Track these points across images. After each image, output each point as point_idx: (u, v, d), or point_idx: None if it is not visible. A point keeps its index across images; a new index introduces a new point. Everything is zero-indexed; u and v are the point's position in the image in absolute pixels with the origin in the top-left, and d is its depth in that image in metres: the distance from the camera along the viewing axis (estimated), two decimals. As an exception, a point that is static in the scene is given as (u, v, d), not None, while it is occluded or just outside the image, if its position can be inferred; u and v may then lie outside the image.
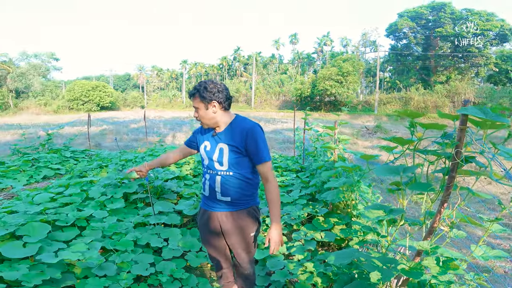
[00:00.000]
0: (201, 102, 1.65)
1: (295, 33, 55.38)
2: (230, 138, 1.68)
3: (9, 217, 2.38)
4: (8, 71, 37.18)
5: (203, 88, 1.65)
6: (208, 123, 1.71)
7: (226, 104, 1.70)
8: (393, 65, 39.18)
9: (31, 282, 1.81)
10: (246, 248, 1.83)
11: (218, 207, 1.78)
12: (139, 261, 2.34)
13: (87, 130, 9.48)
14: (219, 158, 1.70)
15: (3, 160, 5.75)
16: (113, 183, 3.25)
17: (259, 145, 1.65)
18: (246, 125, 1.69)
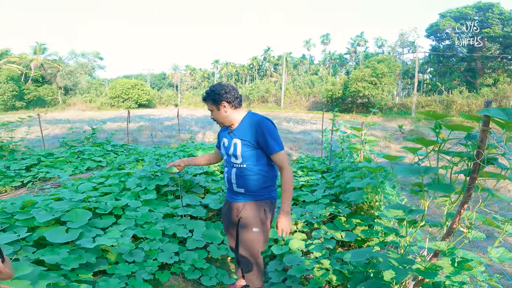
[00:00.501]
0: (213, 105, 1.83)
1: (327, 34, 54.45)
2: (242, 133, 1.82)
3: (55, 204, 2.62)
4: (58, 69, 40.61)
5: (212, 92, 1.82)
6: (223, 122, 1.88)
7: (236, 103, 1.84)
8: (434, 66, 36.99)
9: (69, 266, 2.00)
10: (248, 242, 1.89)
11: (236, 198, 1.92)
12: (165, 250, 2.51)
13: (126, 126, 10.13)
14: (234, 152, 1.84)
15: (52, 151, 6.36)
16: (147, 175, 3.50)
17: (267, 137, 1.76)
18: (255, 119, 1.82)
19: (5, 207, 2.54)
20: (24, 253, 2.11)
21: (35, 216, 2.35)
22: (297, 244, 2.68)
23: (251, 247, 1.90)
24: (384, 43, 48.55)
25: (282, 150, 1.79)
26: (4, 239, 2.05)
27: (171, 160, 4.48)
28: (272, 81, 48.50)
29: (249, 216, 1.85)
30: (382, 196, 2.65)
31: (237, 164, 1.85)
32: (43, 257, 2.05)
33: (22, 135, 7.29)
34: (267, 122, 1.81)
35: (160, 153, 5.46)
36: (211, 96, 1.82)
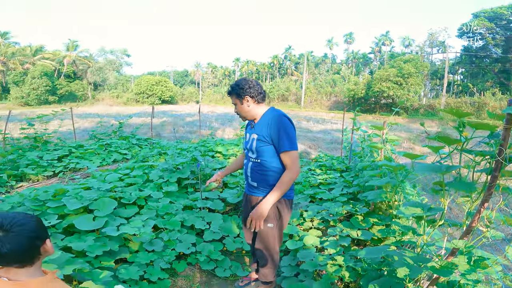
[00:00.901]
0: (237, 99, 1.88)
1: (350, 33, 53.30)
2: (259, 128, 1.86)
3: (85, 193, 2.80)
4: (88, 65, 42.56)
5: (236, 86, 1.86)
6: (245, 116, 1.92)
7: (259, 98, 1.87)
8: (466, 67, 35.21)
9: (93, 253, 2.12)
10: (262, 236, 1.94)
11: (251, 191, 1.98)
12: (183, 240, 2.61)
13: (150, 121, 10.48)
14: (251, 146, 1.90)
15: (82, 143, 6.73)
16: (169, 168, 3.64)
17: (280, 134, 1.76)
18: (272, 115, 1.82)
19: (38, 195, 2.73)
20: (53, 240, 2.27)
21: (66, 204, 2.51)
22: (312, 240, 2.70)
23: (266, 241, 1.95)
24: (412, 42, 46.77)
25: (293, 150, 1.76)
26: None
27: (192, 154, 4.61)
28: (293, 79, 48.15)
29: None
30: (402, 196, 2.61)
31: (253, 159, 1.91)
32: (71, 244, 2.20)
33: (55, 128, 7.75)
34: (284, 119, 1.80)
35: (182, 147, 5.63)
36: (236, 90, 1.86)
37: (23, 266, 0.92)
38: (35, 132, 6.11)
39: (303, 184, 4.05)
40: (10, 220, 0.91)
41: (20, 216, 0.94)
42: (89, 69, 42.63)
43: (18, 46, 40.01)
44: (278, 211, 1.90)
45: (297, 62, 55.74)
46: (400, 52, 44.94)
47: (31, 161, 5.05)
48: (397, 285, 1.31)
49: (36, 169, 4.88)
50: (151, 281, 2.18)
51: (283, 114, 1.85)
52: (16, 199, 2.77)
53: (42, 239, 0.95)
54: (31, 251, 0.92)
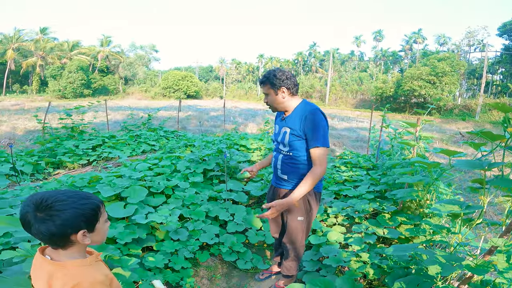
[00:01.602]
0: (271, 89, 1.82)
1: (380, 30, 51.29)
2: (292, 122, 1.82)
3: (117, 180, 2.94)
4: (120, 60, 44.40)
5: (273, 76, 1.80)
6: (277, 107, 1.87)
7: (294, 90, 1.84)
8: (506, 67, 32.86)
9: (123, 240, 2.21)
10: (291, 229, 1.94)
11: (280, 183, 1.98)
12: (207, 231, 2.66)
13: (176, 114, 10.80)
14: (282, 139, 1.87)
15: (114, 134, 7.08)
16: (196, 159, 3.73)
17: (314, 129, 1.71)
18: (307, 109, 1.77)
19: (74, 181, 2.92)
20: None
21: (100, 191, 2.66)
22: (336, 236, 2.69)
23: (295, 235, 1.96)
24: (448, 40, 44.32)
25: (324, 146, 1.73)
26: None
27: (217, 147, 4.70)
28: (318, 77, 47.32)
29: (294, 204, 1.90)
30: (434, 195, 2.51)
31: (284, 151, 1.88)
32: None
33: (90, 119, 8.21)
34: (319, 114, 1.75)
35: (207, 140, 5.75)
36: (271, 80, 1.80)
37: (56, 249, 0.91)
38: (72, 123, 6.50)
39: (327, 180, 4.01)
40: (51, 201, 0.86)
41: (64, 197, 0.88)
42: (120, 64, 44.48)
43: (56, 42, 42.52)
44: (309, 204, 1.90)
45: (322, 59, 54.75)
46: (434, 50, 42.78)
47: (68, 150, 5.39)
48: (425, 283, 1.27)
49: (72, 157, 5.20)
50: (175, 269, 2.25)
51: (318, 108, 1.79)
52: (53, 185, 2.97)
53: (75, 229, 0.88)
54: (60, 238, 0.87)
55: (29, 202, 0.87)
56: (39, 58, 39.03)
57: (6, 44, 38.28)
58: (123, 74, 44.87)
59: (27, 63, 38.58)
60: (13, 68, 38.50)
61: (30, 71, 40.73)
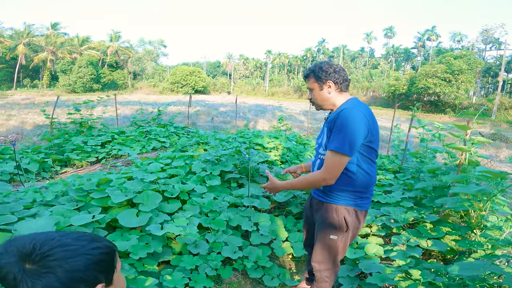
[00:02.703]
0: (316, 83, 1.58)
1: (391, 26, 50.29)
2: (330, 121, 1.55)
3: (129, 183, 2.65)
4: (129, 55, 44.45)
5: (318, 68, 1.56)
6: (321, 105, 1.61)
7: (343, 86, 1.56)
8: (522, 65, 31.74)
9: (137, 255, 1.93)
10: (321, 247, 1.65)
11: (316, 192, 1.70)
12: (229, 243, 2.37)
13: (185, 110, 10.55)
14: (321, 141, 1.62)
15: (124, 130, 6.84)
16: (212, 159, 3.43)
17: (338, 129, 1.44)
18: (342, 108, 1.52)
19: (82, 184, 2.64)
20: None
21: (110, 196, 2.38)
22: (374, 249, 2.41)
23: (326, 254, 1.66)
24: (463, 38, 43.19)
25: (340, 152, 1.42)
26: (78, 220, 2.08)
27: (233, 146, 4.39)
28: (328, 73, 46.62)
29: (327, 220, 1.59)
30: (489, 205, 2.21)
31: (322, 156, 1.61)
32: (114, 243, 2.06)
33: (99, 114, 7.99)
34: (350, 114, 1.44)
35: (220, 137, 5.46)
36: (317, 73, 1.56)
37: None
38: (81, 118, 6.28)
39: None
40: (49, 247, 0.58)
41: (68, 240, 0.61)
42: (129, 59, 44.55)
43: (66, 37, 42.75)
44: (346, 223, 1.58)
45: (331, 56, 54.17)
46: (448, 48, 41.80)
47: (76, 146, 5.16)
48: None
49: (80, 155, 4.96)
50: (196, 289, 1.96)
51: (356, 108, 1.47)
52: (60, 188, 2.71)
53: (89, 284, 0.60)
54: None
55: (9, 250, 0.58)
56: (49, 53, 39.32)
57: (17, 39, 38.64)
58: (132, 69, 44.96)
59: (38, 58, 38.91)
60: (24, 63, 38.86)
61: (40, 66, 41.09)
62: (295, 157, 4.82)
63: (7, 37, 39.68)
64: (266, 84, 49.45)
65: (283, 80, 53.02)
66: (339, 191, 1.55)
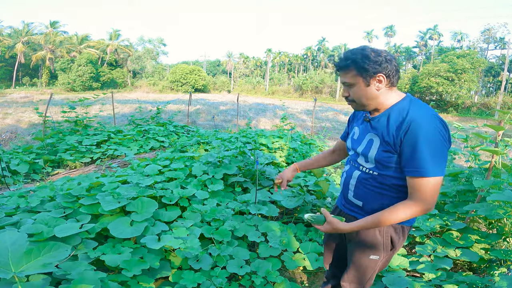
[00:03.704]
0: (360, 76, 1.18)
1: (391, 25, 50.10)
2: (384, 127, 1.19)
3: (122, 189, 2.40)
4: (129, 54, 44.14)
5: (363, 57, 1.15)
6: (364, 104, 1.23)
7: (395, 79, 1.20)
8: (525, 64, 31.58)
9: (130, 271, 1.70)
10: (357, 268, 1.38)
11: (348, 207, 1.38)
12: (234, 256, 2.12)
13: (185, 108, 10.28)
14: (365, 150, 1.25)
15: (121, 129, 6.56)
16: (214, 161, 3.17)
17: (420, 149, 1.07)
18: (412, 114, 1.11)
19: (71, 188, 2.38)
20: (84, 248, 1.86)
21: (100, 203, 2.12)
22: (398, 261, 2.17)
23: (362, 275, 1.39)
24: (464, 37, 43.07)
25: (437, 176, 1.09)
26: (63, 230, 1.82)
27: (235, 146, 4.12)
28: (328, 72, 46.42)
29: (367, 239, 1.31)
30: None
31: (364, 168, 1.28)
32: (104, 256, 1.78)
33: (96, 112, 7.72)
34: (432, 125, 1.08)
35: (222, 137, 5.19)
36: (361, 63, 1.15)
37: None
38: (76, 116, 6.00)
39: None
40: None
41: None
42: (129, 58, 44.26)
43: (66, 35, 42.44)
44: (391, 242, 1.30)
45: (331, 55, 53.84)
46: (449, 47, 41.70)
47: (70, 146, 4.88)
48: None
49: (74, 155, 4.69)
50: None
51: (431, 115, 1.11)
52: (47, 193, 2.45)
53: None
54: None
55: None
56: (48, 52, 39.01)
57: (16, 37, 38.35)
58: (132, 67, 44.65)
59: (36, 57, 38.61)
60: (23, 61, 38.58)
61: (39, 64, 40.80)
62: (302, 158, 4.55)
63: (6, 35, 39.38)
64: (267, 83, 49.16)
65: (284, 78, 52.75)
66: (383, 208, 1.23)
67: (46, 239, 1.84)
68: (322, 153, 1.69)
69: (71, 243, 1.86)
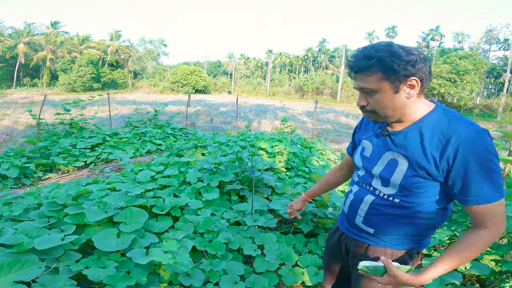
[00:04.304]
0: (386, 80, 0.92)
1: (393, 26, 49.90)
2: (414, 147, 0.95)
3: (110, 198, 2.28)
4: (130, 54, 44.12)
5: (392, 55, 0.90)
6: (388, 116, 0.98)
7: (427, 84, 0.96)
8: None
9: (115, 287, 1.58)
10: None
11: (353, 231, 1.20)
12: (228, 271, 1.97)
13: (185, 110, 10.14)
14: (385, 173, 1.02)
15: (117, 131, 6.42)
16: (209, 167, 3.02)
17: (477, 174, 0.87)
18: (459, 132, 0.89)
19: (56, 196, 2.24)
20: (67, 261, 1.73)
21: (85, 213, 1.99)
22: None
23: None
24: (466, 38, 42.98)
25: (500, 199, 0.91)
26: (44, 242, 1.69)
27: (233, 150, 3.97)
28: (329, 73, 46.33)
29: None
30: None
31: (382, 193, 1.05)
32: (87, 270, 1.65)
33: (92, 114, 7.58)
34: (483, 144, 0.87)
35: (220, 140, 5.05)
36: (389, 62, 0.90)
37: None
38: (71, 118, 5.87)
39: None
40: None
41: None
42: (130, 58, 44.25)
43: (67, 36, 42.45)
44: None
45: (332, 56, 53.89)
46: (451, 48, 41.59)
47: (64, 150, 4.75)
48: None
49: (67, 159, 4.55)
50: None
51: (481, 129, 0.90)
52: (31, 200, 2.32)
53: None
54: None
55: None
56: (49, 52, 39.01)
57: (17, 38, 38.37)
58: (132, 68, 44.64)
59: (37, 57, 38.62)
60: (23, 61, 38.60)
61: (40, 65, 40.80)
62: (302, 163, 4.40)
63: (7, 36, 39.40)
64: (267, 84, 49.04)
65: (284, 80, 52.67)
66: (407, 236, 1.07)
67: (26, 250, 1.72)
68: (329, 173, 1.50)
69: (53, 255, 1.75)
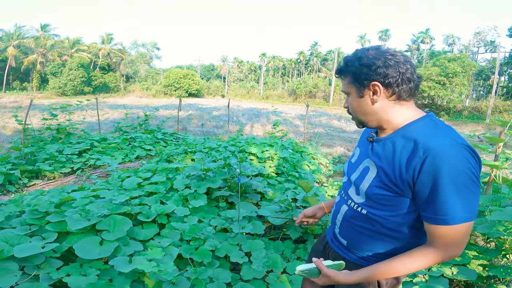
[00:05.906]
0: (352, 84, 0.95)
1: (386, 29, 50.67)
2: (387, 155, 0.92)
3: (93, 206, 2.25)
4: (122, 58, 43.78)
5: (358, 60, 0.91)
6: (361, 121, 0.98)
7: (403, 90, 0.90)
8: (514, 68, 32.58)
9: None
10: None
11: (335, 243, 1.18)
12: (215, 279, 1.95)
13: (177, 114, 10.06)
14: (358, 180, 1.01)
15: (106, 136, 6.34)
16: (198, 174, 3.00)
17: (443, 190, 0.80)
18: (429, 141, 0.83)
19: (38, 204, 2.20)
20: (48, 268, 1.70)
21: (67, 221, 1.95)
22: None
23: None
24: (456, 41, 43.89)
25: (468, 222, 0.83)
26: (25, 250, 1.65)
27: (223, 156, 3.95)
28: (322, 76, 46.73)
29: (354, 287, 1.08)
30: None
31: (352, 203, 1.03)
32: (68, 278, 1.62)
33: (79, 119, 7.47)
34: (458, 158, 0.81)
35: (210, 146, 5.02)
36: (353, 67, 0.93)
37: None
38: (58, 123, 5.77)
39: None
40: None
41: None
42: (122, 62, 43.90)
43: (57, 38, 41.94)
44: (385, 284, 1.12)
45: (325, 59, 54.43)
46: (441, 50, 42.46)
47: (50, 156, 4.66)
48: None
49: (53, 165, 4.46)
50: None
51: (461, 143, 0.83)
52: (14, 208, 2.26)
53: None
54: None
55: None
56: (39, 55, 38.49)
57: (7, 41, 37.77)
58: (125, 71, 44.28)
59: (27, 60, 38.05)
60: (13, 65, 37.99)
61: (30, 68, 40.19)
62: (292, 168, 4.40)
63: (-3, 38, 38.79)
64: (261, 87, 49.19)
65: (278, 83, 52.90)
66: (376, 257, 1.02)
67: (5, 258, 1.70)
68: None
69: (34, 262, 1.72)
